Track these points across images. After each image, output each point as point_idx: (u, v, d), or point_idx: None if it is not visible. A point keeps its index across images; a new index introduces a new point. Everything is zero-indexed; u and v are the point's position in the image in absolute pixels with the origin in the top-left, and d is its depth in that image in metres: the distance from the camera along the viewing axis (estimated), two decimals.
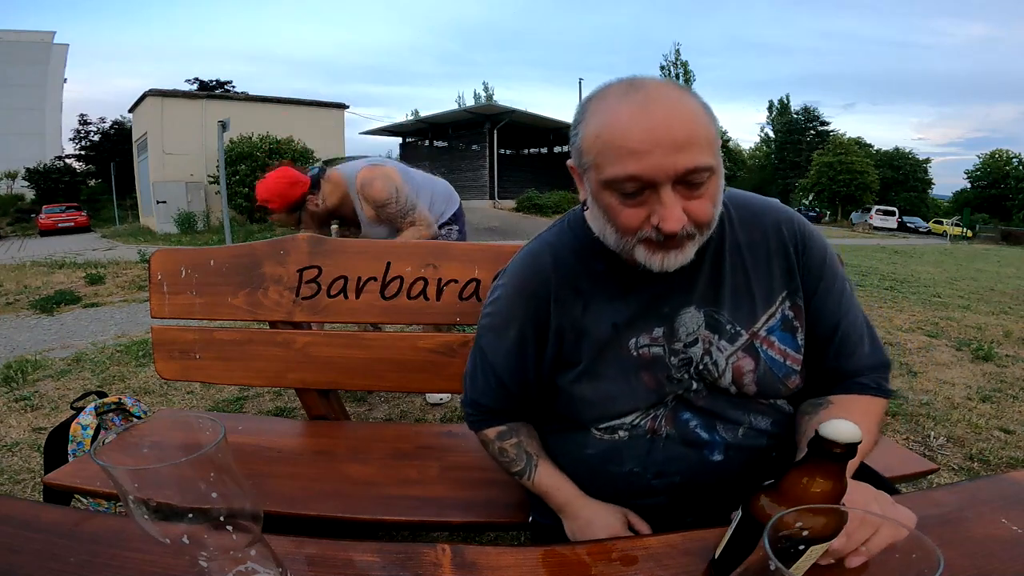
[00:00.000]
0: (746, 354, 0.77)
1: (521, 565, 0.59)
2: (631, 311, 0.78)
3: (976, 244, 23.79)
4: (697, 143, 0.64)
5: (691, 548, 0.61)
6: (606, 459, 0.81)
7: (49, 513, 0.67)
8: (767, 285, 0.79)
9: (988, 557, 0.58)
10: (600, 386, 0.79)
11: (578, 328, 0.80)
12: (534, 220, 20.33)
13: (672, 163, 0.63)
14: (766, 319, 0.78)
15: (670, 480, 0.80)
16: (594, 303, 0.79)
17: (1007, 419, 2.54)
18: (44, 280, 7.31)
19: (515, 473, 0.88)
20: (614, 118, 0.65)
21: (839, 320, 0.80)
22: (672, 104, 0.64)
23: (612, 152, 0.65)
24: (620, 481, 0.81)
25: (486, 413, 0.90)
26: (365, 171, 2.24)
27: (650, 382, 0.78)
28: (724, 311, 0.78)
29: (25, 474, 2.05)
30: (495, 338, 0.85)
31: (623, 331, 0.78)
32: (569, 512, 0.83)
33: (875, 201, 33.91)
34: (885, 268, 9.37)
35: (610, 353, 0.79)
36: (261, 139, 17.75)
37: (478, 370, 0.88)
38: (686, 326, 0.78)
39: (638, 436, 0.80)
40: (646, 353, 0.78)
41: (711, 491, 0.80)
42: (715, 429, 0.79)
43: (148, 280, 1.46)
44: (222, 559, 0.46)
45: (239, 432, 1.39)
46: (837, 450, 0.48)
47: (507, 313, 0.84)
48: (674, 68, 39.61)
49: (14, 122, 35.47)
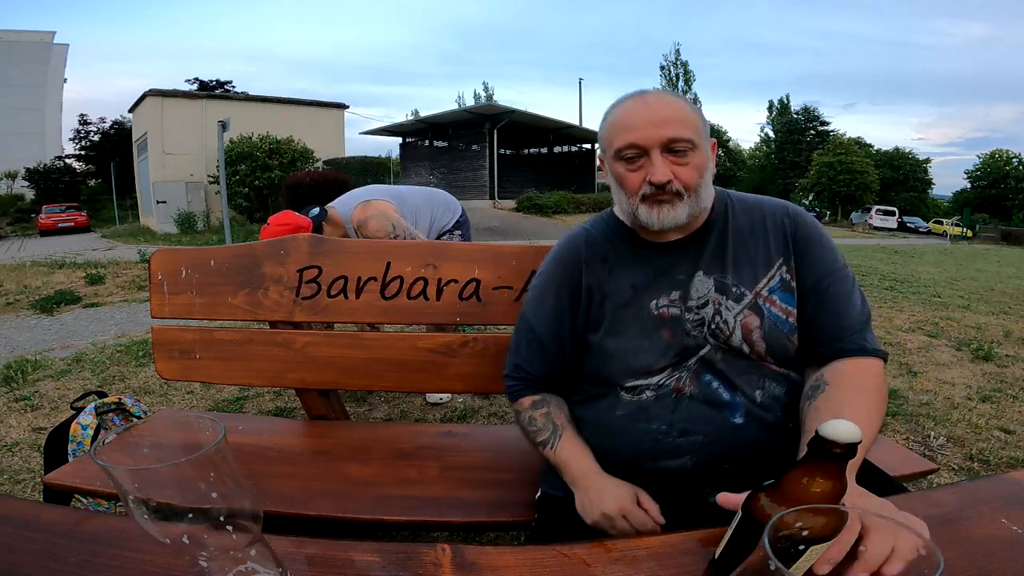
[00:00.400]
0: (752, 312, 0.88)
1: (521, 565, 0.59)
2: (648, 276, 0.93)
3: (976, 244, 23.79)
4: (679, 122, 0.85)
5: (691, 548, 0.61)
6: (634, 418, 0.89)
7: (49, 513, 0.67)
8: (765, 253, 0.91)
9: (988, 557, 0.58)
10: (623, 341, 0.91)
11: (603, 290, 0.94)
12: (534, 220, 20.33)
13: (658, 133, 0.85)
14: (767, 280, 0.90)
15: (694, 439, 0.86)
16: (616, 268, 0.95)
17: (1007, 419, 2.54)
18: (44, 280, 7.31)
19: (540, 443, 0.95)
20: (622, 111, 0.90)
21: (827, 275, 0.89)
22: (662, 100, 0.88)
23: (618, 131, 0.89)
24: (648, 439, 0.88)
25: (525, 380, 1.00)
26: (358, 211, 2.25)
27: (669, 338, 0.89)
28: (729, 275, 0.90)
29: (25, 474, 2.05)
30: (537, 305, 1.00)
31: (642, 293, 0.92)
32: (582, 484, 0.88)
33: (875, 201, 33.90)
34: (885, 268, 9.37)
35: (630, 312, 0.91)
36: (261, 139, 17.74)
37: (522, 338, 1.01)
38: (698, 289, 0.90)
39: (664, 396, 0.88)
40: (665, 312, 0.90)
41: (732, 458, 0.85)
42: (735, 389, 0.87)
43: (148, 280, 1.46)
44: (222, 559, 0.46)
45: (239, 432, 1.39)
46: (837, 450, 0.48)
47: (547, 282, 1.00)
48: (674, 68, 39.55)
49: (14, 122, 35.45)
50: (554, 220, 20.51)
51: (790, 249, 0.91)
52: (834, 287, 0.89)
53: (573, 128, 27.17)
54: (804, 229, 0.92)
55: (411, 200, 2.42)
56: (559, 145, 29.40)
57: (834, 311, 0.88)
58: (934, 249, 16.98)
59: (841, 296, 0.88)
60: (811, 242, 0.91)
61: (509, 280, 1.35)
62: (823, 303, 0.88)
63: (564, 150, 30.02)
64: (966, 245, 22.06)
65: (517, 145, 27.40)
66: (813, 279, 0.89)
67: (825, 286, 0.89)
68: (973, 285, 7.63)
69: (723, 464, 0.86)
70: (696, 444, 0.86)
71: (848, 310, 0.88)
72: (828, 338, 0.87)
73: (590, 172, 29.75)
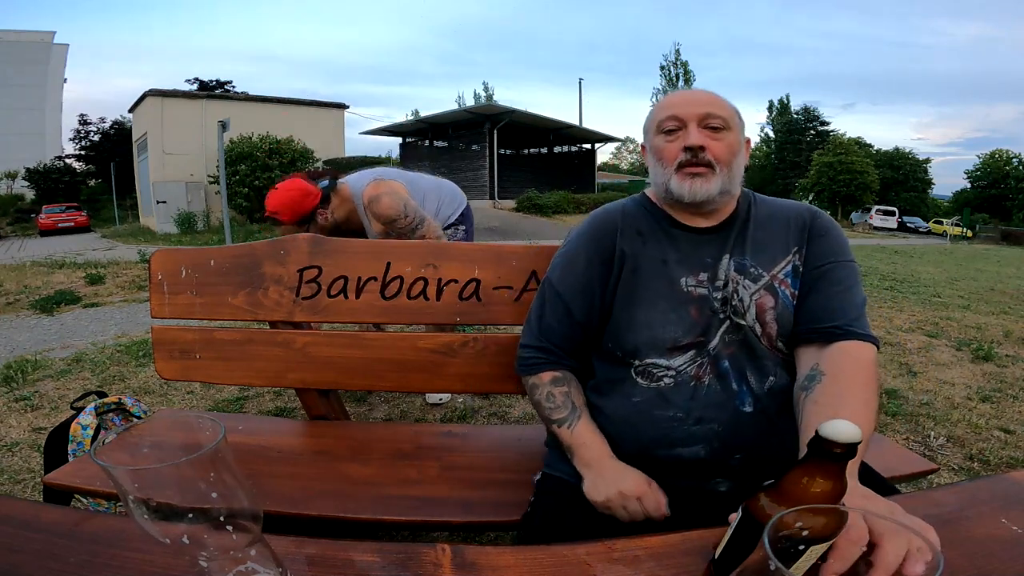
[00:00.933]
0: (767, 292, 0.92)
1: (521, 565, 0.59)
2: (679, 253, 0.96)
3: (976, 244, 23.79)
4: (715, 104, 0.93)
5: (691, 548, 0.61)
6: (652, 404, 0.91)
7: (49, 513, 0.67)
8: (784, 241, 0.96)
9: (988, 557, 0.58)
10: (652, 313, 0.93)
11: (635, 259, 0.96)
12: (534, 220, 20.33)
13: (696, 109, 0.93)
14: (783, 265, 0.94)
15: (709, 427, 0.88)
16: (650, 242, 0.98)
17: (1007, 419, 2.54)
18: (44, 280, 7.30)
19: (556, 420, 0.95)
20: (667, 97, 0.99)
21: (832, 260, 0.93)
22: (703, 90, 0.97)
23: (661, 109, 0.96)
24: (664, 425, 0.90)
25: (546, 352, 1.00)
26: (371, 187, 2.19)
27: (696, 316, 0.92)
28: (748, 257, 0.94)
29: (25, 474, 2.05)
30: (565, 269, 1.01)
31: (673, 268, 0.94)
32: (596, 467, 0.89)
33: (875, 201, 33.88)
34: (885, 268, 9.37)
35: (661, 285, 0.94)
36: (261, 139, 17.73)
37: (545, 305, 1.01)
38: (724, 270, 0.94)
39: (682, 383, 0.90)
40: (694, 291, 0.93)
41: (743, 447, 0.87)
42: (744, 379, 0.90)
43: (148, 280, 1.46)
44: (222, 559, 0.46)
45: (239, 432, 1.39)
46: (837, 450, 0.48)
47: (577, 248, 1.01)
48: (674, 68, 39.51)
49: (14, 122, 35.42)
50: (554, 220, 20.51)
51: (805, 238, 0.95)
52: (835, 272, 0.92)
53: (573, 128, 27.17)
54: (821, 222, 0.97)
55: (421, 185, 2.39)
56: (559, 145, 29.38)
57: (831, 293, 0.90)
58: (934, 249, 16.98)
59: (840, 281, 0.91)
60: (823, 232, 0.96)
61: (509, 280, 1.35)
62: (822, 284, 0.91)
63: (564, 150, 30.00)
64: (966, 245, 22.06)
65: (517, 145, 27.40)
66: (817, 262, 0.93)
67: (827, 269, 0.92)
68: (973, 285, 7.63)
69: (734, 454, 0.88)
70: (711, 433, 0.88)
71: (846, 295, 0.90)
72: (821, 318, 0.88)
73: (590, 172, 29.76)
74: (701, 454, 0.88)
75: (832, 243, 0.95)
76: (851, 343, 0.85)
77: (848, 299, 0.89)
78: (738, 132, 0.95)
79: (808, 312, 0.90)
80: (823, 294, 0.90)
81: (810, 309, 0.90)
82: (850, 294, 0.90)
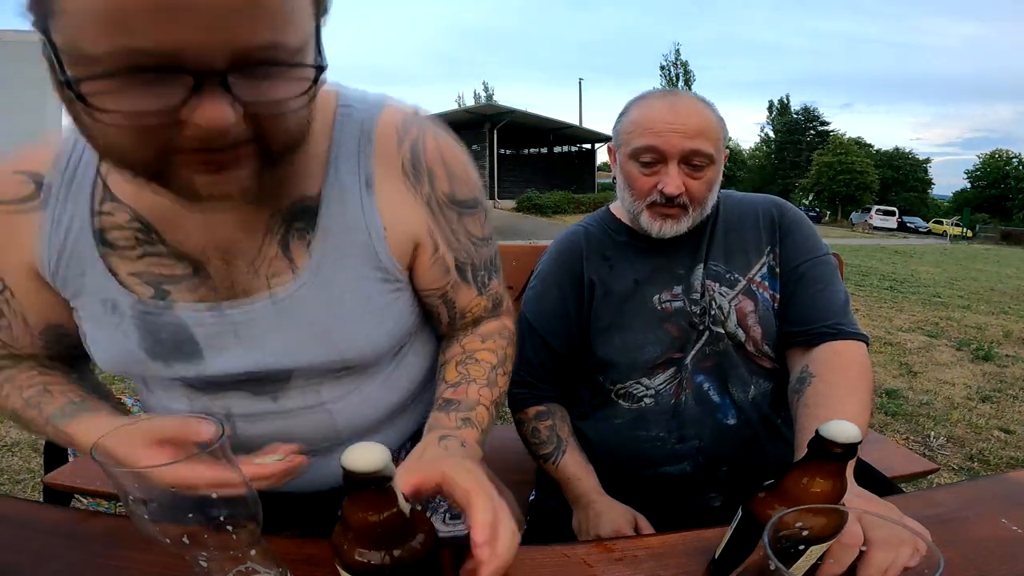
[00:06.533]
0: (746, 296, 0.90)
1: (521, 565, 0.59)
2: (648, 270, 0.93)
3: (976, 244, 23.81)
4: (704, 136, 0.84)
5: (691, 548, 0.61)
6: (634, 426, 0.90)
7: (49, 513, 0.67)
8: (756, 241, 0.93)
9: (988, 557, 0.58)
10: (628, 336, 0.90)
11: (605, 285, 0.94)
12: (534, 220, 20.33)
13: (680, 145, 0.83)
14: (758, 267, 0.92)
15: (692, 444, 0.87)
16: (617, 265, 0.95)
17: (1007, 419, 2.54)
18: None
19: (542, 456, 0.93)
20: (649, 110, 0.87)
21: (808, 259, 0.90)
22: (693, 107, 0.85)
23: (640, 130, 0.86)
24: (646, 445, 0.89)
25: (528, 387, 0.97)
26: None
27: (675, 331, 0.90)
28: (722, 263, 0.92)
29: (25, 474, 2.05)
30: (539, 303, 0.98)
31: (644, 287, 0.92)
32: (582, 503, 0.87)
33: (875, 201, 33.94)
34: (885, 268, 9.38)
35: (633, 306, 0.91)
36: None
37: (525, 341, 0.96)
38: (699, 280, 0.91)
39: (663, 402, 0.89)
40: (668, 307, 0.91)
41: (729, 459, 0.86)
42: (726, 391, 0.88)
43: None
44: (222, 559, 0.46)
45: None
46: (837, 450, 0.48)
47: (547, 279, 0.98)
48: (674, 68, 39.53)
49: (14, 122, 35.50)
50: (554, 220, 20.51)
51: (776, 236, 0.93)
52: (814, 271, 0.90)
53: (573, 128, 27.18)
54: (788, 216, 0.95)
55: None
56: (559, 145, 29.39)
57: (813, 293, 0.88)
58: (934, 249, 17.00)
59: (820, 280, 0.89)
60: (794, 228, 0.93)
61: (509, 280, 1.34)
62: (802, 286, 0.89)
63: (564, 150, 30.00)
64: (966, 245, 22.08)
65: (517, 145, 27.40)
66: (794, 262, 0.91)
67: (805, 269, 0.90)
68: (973, 285, 7.64)
69: (720, 467, 0.87)
70: (693, 449, 0.87)
71: (827, 294, 0.88)
72: (808, 319, 0.87)
73: (590, 172, 29.76)
74: (688, 470, 0.87)
75: (804, 239, 0.92)
76: (839, 343, 0.83)
77: (829, 297, 0.88)
78: (720, 159, 0.88)
79: (792, 315, 0.89)
80: (804, 295, 0.89)
81: (794, 312, 0.89)
82: (830, 292, 0.88)
